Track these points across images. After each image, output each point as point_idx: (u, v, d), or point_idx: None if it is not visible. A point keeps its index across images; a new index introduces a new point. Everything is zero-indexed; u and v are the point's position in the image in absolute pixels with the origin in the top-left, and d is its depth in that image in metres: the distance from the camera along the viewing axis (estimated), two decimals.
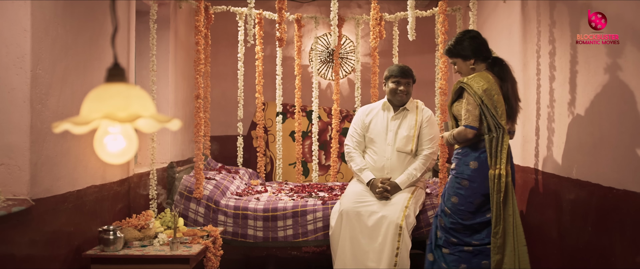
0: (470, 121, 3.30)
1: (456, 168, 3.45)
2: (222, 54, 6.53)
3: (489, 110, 3.26)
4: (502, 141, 3.24)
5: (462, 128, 3.35)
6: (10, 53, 2.73)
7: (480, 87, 3.27)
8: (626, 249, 2.60)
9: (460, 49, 3.45)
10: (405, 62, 4.78)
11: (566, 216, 3.24)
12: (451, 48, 3.50)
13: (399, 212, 3.79)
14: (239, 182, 4.93)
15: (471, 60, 3.44)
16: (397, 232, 3.73)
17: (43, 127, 2.86)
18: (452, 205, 3.43)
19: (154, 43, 4.22)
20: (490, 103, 3.26)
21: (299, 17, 5.41)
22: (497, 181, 3.24)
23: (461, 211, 3.40)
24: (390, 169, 4.06)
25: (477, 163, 3.36)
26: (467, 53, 3.44)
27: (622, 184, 2.62)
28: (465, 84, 3.33)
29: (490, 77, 3.34)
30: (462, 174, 3.40)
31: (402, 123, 4.11)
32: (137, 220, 3.60)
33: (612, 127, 2.71)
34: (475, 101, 3.28)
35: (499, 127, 3.25)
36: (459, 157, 3.46)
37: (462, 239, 3.41)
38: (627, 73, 2.59)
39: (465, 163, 3.39)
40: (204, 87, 5.04)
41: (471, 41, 3.45)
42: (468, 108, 3.31)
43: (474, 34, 3.52)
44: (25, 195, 2.76)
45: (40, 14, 2.83)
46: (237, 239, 4.22)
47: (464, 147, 3.42)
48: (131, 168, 4.18)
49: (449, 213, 3.43)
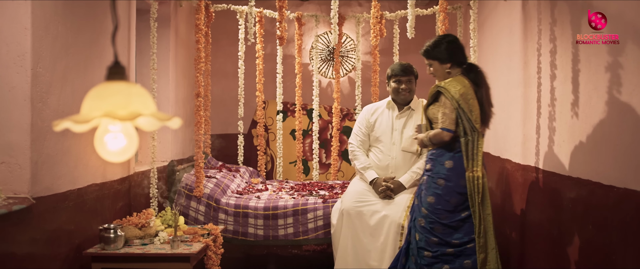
0: (447, 124, 3.38)
1: (431, 168, 3.49)
2: (222, 52, 6.53)
3: (465, 113, 3.34)
4: (478, 144, 3.35)
5: (438, 130, 3.42)
6: (10, 51, 2.73)
7: (457, 91, 3.36)
8: (627, 248, 2.60)
9: (437, 52, 3.52)
10: (406, 60, 4.77)
11: (567, 215, 3.24)
12: (429, 50, 3.56)
13: (401, 211, 3.78)
14: (239, 180, 4.93)
15: (448, 64, 3.50)
16: (399, 231, 3.73)
17: (43, 125, 2.87)
18: (429, 204, 3.45)
19: (155, 41, 4.22)
20: (467, 107, 3.35)
21: (300, 16, 5.41)
22: (476, 183, 3.34)
23: (438, 210, 3.42)
24: (394, 168, 4.05)
25: (452, 162, 3.42)
26: (444, 56, 3.50)
27: (622, 182, 2.62)
28: (443, 88, 3.40)
29: (466, 82, 3.42)
30: (439, 173, 3.44)
31: (407, 122, 4.09)
32: (137, 218, 3.60)
33: (612, 125, 2.71)
34: (452, 105, 3.36)
35: (474, 130, 3.35)
36: (433, 157, 3.50)
37: (443, 238, 3.41)
38: (628, 72, 2.59)
39: (441, 162, 3.44)
40: (205, 86, 5.04)
41: (449, 45, 3.51)
42: (445, 111, 3.39)
43: (452, 38, 3.57)
44: (26, 194, 2.76)
45: (41, 13, 2.83)
46: (238, 238, 4.22)
47: (439, 148, 3.48)
48: (132, 166, 4.18)
49: (427, 213, 3.45)
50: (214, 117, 5.79)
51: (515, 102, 4.17)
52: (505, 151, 4.46)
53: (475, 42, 4.07)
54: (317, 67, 5.62)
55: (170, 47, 5.15)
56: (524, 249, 3.99)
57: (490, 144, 4.86)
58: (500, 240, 4.55)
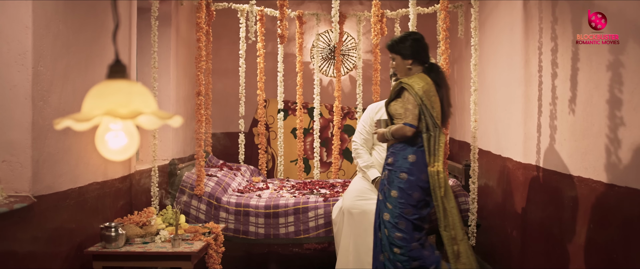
0: (410, 119, 3.44)
1: (394, 162, 3.52)
2: (223, 51, 6.53)
3: (428, 110, 3.42)
4: (439, 140, 3.44)
5: (401, 125, 3.46)
6: (11, 50, 2.73)
7: (421, 88, 3.43)
8: (628, 246, 2.60)
9: (402, 47, 3.58)
10: None
11: (567, 213, 3.24)
12: (394, 45, 3.62)
13: None
14: (240, 179, 4.93)
15: (409, 60, 3.56)
16: None
17: (44, 124, 2.87)
18: (393, 199, 3.47)
19: (156, 40, 4.22)
20: (429, 103, 3.44)
21: (301, 14, 5.41)
22: (437, 178, 3.41)
23: (402, 204, 3.44)
24: None
25: (415, 156, 3.47)
26: (407, 52, 3.56)
27: (623, 181, 2.62)
28: (407, 84, 3.47)
29: (428, 80, 3.50)
30: (401, 167, 3.47)
31: None
32: (138, 216, 3.60)
33: (613, 124, 2.71)
34: (415, 101, 3.43)
35: (436, 127, 3.44)
36: (396, 152, 3.53)
37: (409, 233, 3.44)
38: (629, 70, 2.59)
39: (404, 157, 3.48)
40: (206, 84, 5.04)
41: (413, 42, 3.57)
42: (408, 107, 3.45)
43: (418, 36, 3.63)
44: (27, 192, 2.77)
45: (42, 11, 2.83)
46: (239, 236, 4.22)
47: (401, 142, 3.52)
48: (133, 165, 4.18)
49: (391, 207, 3.47)
50: (215, 115, 5.79)
51: (516, 100, 4.17)
52: (506, 150, 4.46)
53: (476, 41, 4.07)
54: (318, 66, 5.61)
55: (171, 45, 5.15)
56: (525, 247, 3.99)
57: (491, 143, 4.86)
58: (501, 238, 4.55)
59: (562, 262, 3.29)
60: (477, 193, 4.03)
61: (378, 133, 3.65)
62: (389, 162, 3.55)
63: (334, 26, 4.88)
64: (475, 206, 3.99)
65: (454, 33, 5.07)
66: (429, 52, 3.64)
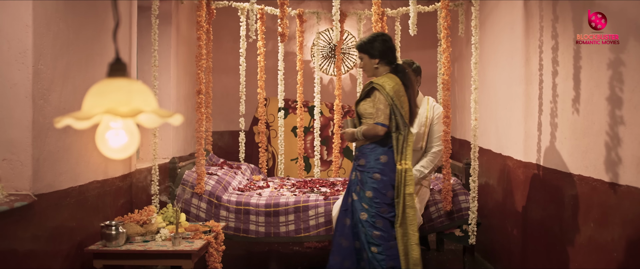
0: (382, 119, 3.50)
1: (366, 163, 3.56)
2: (223, 50, 6.53)
3: (398, 109, 3.51)
4: (408, 139, 3.53)
5: (373, 125, 3.52)
6: (12, 48, 2.73)
7: (392, 88, 3.51)
8: (629, 245, 2.60)
9: (370, 47, 3.63)
10: (408, 57, 4.76)
11: (568, 212, 3.24)
12: (363, 44, 3.66)
13: None
14: (240, 177, 4.93)
15: (376, 59, 3.62)
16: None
17: (45, 122, 2.87)
18: (368, 199, 3.52)
19: (156, 38, 4.22)
20: (399, 103, 3.52)
21: (301, 13, 5.41)
22: (404, 175, 3.49)
23: (378, 203, 3.51)
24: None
25: (386, 157, 3.54)
26: (374, 52, 3.62)
27: (624, 180, 2.62)
28: (379, 85, 3.53)
29: (397, 80, 3.58)
30: (374, 168, 3.53)
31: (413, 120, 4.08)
32: (139, 215, 3.60)
33: (614, 122, 2.71)
34: (387, 101, 3.50)
35: (405, 126, 3.53)
36: (367, 152, 3.57)
37: (387, 231, 3.50)
38: (630, 69, 2.58)
39: (376, 158, 3.54)
40: (206, 83, 5.04)
41: (382, 43, 3.64)
42: (379, 106, 3.51)
43: (387, 37, 3.69)
44: (27, 190, 2.77)
45: (42, 10, 2.83)
46: (239, 235, 4.22)
47: (372, 143, 3.57)
48: (133, 163, 4.18)
49: (368, 207, 3.52)
50: (215, 114, 5.78)
51: (516, 99, 4.17)
52: (506, 149, 4.46)
53: (476, 39, 4.06)
54: (318, 64, 5.61)
55: (171, 44, 5.14)
56: (526, 246, 3.99)
57: (491, 141, 4.86)
58: (501, 237, 4.56)
59: (563, 261, 3.29)
60: (477, 191, 4.03)
61: (346, 132, 3.70)
62: (360, 163, 3.60)
63: (335, 24, 4.88)
64: (475, 205, 3.99)
65: (455, 31, 5.06)
66: (395, 53, 3.73)
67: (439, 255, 5.23)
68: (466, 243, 4.09)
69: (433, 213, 4.14)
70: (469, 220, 4.03)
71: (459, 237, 4.15)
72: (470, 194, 4.03)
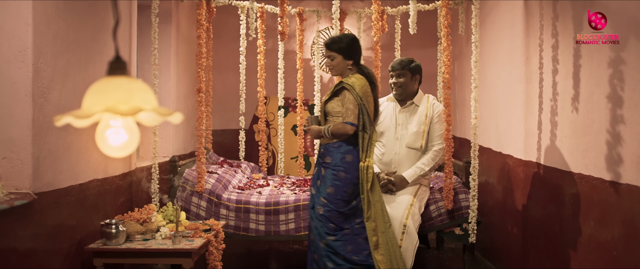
0: (351, 118, 3.61)
1: (332, 160, 3.66)
2: (223, 48, 6.52)
3: (366, 109, 3.62)
4: (372, 138, 3.66)
5: (342, 124, 3.62)
6: (11, 47, 2.73)
7: (361, 88, 3.61)
8: (629, 244, 2.60)
9: (346, 48, 3.69)
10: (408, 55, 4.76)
11: (568, 211, 3.24)
12: (339, 44, 3.69)
13: (403, 210, 3.77)
14: (240, 176, 4.93)
15: (350, 61, 3.71)
16: (401, 230, 3.72)
17: (45, 121, 2.87)
18: (328, 194, 3.64)
19: (156, 37, 4.21)
20: (367, 103, 3.63)
21: (301, 11, 5.40)
22: (366, 172, 3.63)
23: (337, 200, 3.63)
24: (397, 164, 4.04)
25: (352, 156, 3.66)
26: (348, 53, 3.70)
27: (624, 178, 2.62)
28: (349, 85, 3.62)
29: (365, 80, 3.68)
30: (339, 166, 3.64)
31: (411, 118, 4.08)
32: (139, 213, 3.60)
33: (614, 121, 2.71)
34: (356, 100, 3.61)
35: (371, 125, 3.65)
36: (332, 150, 3.68)
37: (339, 225, 3.64)
38: (631, 67, 2.58)
39: (342, 156, 3.65)
40: (206, 81, 5.03)
41: (354, 43, 3.72)
42: (349, 106, 3.61)
43: (355, 37, 3.77)
44: (27, 189, 2.77)
45: (42, 8, 2.83)
46: (239, 233, 4.22)
47: (339, 141, 3.67)
48: (133, 161, 4.18)
49: (326, 202, 3.64)
50: (215, 112, 5.78)
51: (517, 97, 4.17)
52: (506, 147, 4.46)
53: (477, 38, 4.06)
54: (318, 63, 5.61)
55: (171, 42, 5.14)
56: (526, 245, 3.99)
57: (491, 140, 4.86)
58: (501, 236, 4.56)
59: (563, 259, 3.29)
60: (477, 190, 4.03)
61: (312, 129, 3.77)
62: (326, 160, 3.69)
63: (335, 23, 4.88)
64: (475, 204, 3.99)
65: (455, 30, 5.06)
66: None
67: (439, 254, 5.23)
68: (466, 242, 4.09)
69: (433, 211, 4.13)
70: (469, 219, 4.03)
71: (459, 235, 4.15)
72: (471, 192, 4.03)
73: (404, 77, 4.07)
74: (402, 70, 4.06)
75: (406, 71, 4.07)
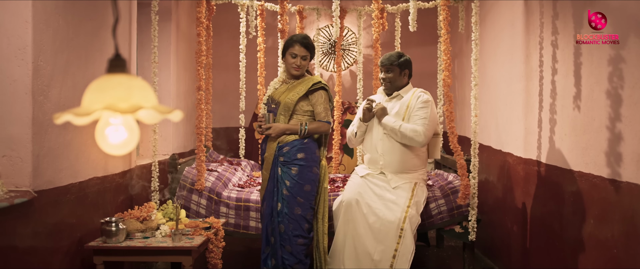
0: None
1: (305, 157, 3.75)
2: (223, 46, 6.52)
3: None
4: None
5: (323, 123, 3.79)
6: (11, 44, 2.73)
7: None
8: (629, 242, 2.60)
9: (313, 50, 3.88)
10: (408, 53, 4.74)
11: (568, 208, 3.24)
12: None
13: (400, 213, 3.75)
14: (240, 174, 4.93)
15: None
16: (398, 234, 3.71)
17: (45, 119, 2.86)
18: (305, 193, 3.72)
19: (156, 34, 4.21)
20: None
21: (301, 9, 5.40)
22: (324, 170, 3.85)
23: (313, 196, 3.77)
24: (382, 151, 3.96)
25: (319, 151, 3.86)
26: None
27: (624, 176, 2.62)
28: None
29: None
30: (314, 162, 3.77)
31: (394, 107, 4.04)
32: (139, 211, 3.61)
33: (614, 119, 2.71)
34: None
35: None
36: (304, 147, 3.75)
37: (312, 224, 3.78)
38: (631, 65, 2.58)
39: (313, 152, 3.78)
40: (206, 79, 5.03)
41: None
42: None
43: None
44: (27, 187, 2.77)
45: (42, 6, 2.83)
46: (239, 231, 4.22)
47: (310, 139, 3.79)
48: (133, 159, 4.18)
49: (303, 201, 3.72)
50: (215, 110, 5.78)
51: (517, 95, 4.17)
52: (506, 145, 4.46)
53: (476, 36, 4.06)
54: (318, 60, 5.61)
55: (171, 40, 5.14)
56: (526, 242, 4.00)
57: (491, 138, 4.86)
58: (501, 234, 4.56)
59: (563, 257, 3.30)
60: (477, 188, 4.03)
61: (276, 127, 3.76)
62: (299, 157, 3.74)
63: (335, 21, 4.87)
64: (475, 201, 3.99)
65: (455, 28, 5.05)
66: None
67: (439, 252, 5.23)
68: (466, 240, 4.09)
69: (433, 209, 4.13)
70: (469, 217, 4.03)
71: (459, 233, 4.15)
72: (471, 190, 4.02)
73: (393, 72, 4.02)
74: (390, 66, 4.02)
75: (395, 66, 4.01)
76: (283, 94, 3.82)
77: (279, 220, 3.72)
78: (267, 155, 3.82)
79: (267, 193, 3.79)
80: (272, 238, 3.76)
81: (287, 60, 3.85)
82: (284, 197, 3.72)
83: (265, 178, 3.82)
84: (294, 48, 3.80)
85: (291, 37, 3.86)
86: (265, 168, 3.82)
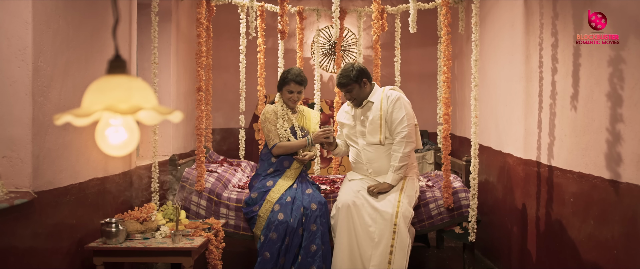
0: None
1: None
2: (223, 47, 6.52)
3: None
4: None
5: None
6: (11, 45, 2.73)
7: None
8: (629, 242, 2.60)
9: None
10: (408, 54, 4.76)
11: (568, 209, 3.24)
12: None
13: (391, 208, 3.75)
14: (240, 175, 4.93)
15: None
16: (392, 230, 3.71)
17: (45, 120, 2.86)
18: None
19: (156, 35, 4.21)
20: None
21: (301, 10, 5.40)
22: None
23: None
24: (367, 160, 3.98)
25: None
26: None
27: (624, 177, 2.62)
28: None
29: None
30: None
31: (367, 114, 4.01)
32: (139, 212, 3.61)
33: (614, 119, 2.71)
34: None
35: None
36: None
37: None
38: (631, 66, 2.58)
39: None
40: (206, 80, 5.03)
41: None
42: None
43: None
44: (27, 188, 2.77)
45: (42, 7, 2.83)
46: (239, 232, 4.22)
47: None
48: (133, 160, 4.18)
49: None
50: (215, 111, 5.78)
51: (516, 96, 4.17)
52: (506, 146, 4.46)
53: (477, 36, 4.06)
54: (318, 61, 5.60)
55: (171, 41, 5.14)
56: (525, 243, 3.99)
57: (491, 138, 4.86)
58: (501, 234, 4.56)
59: (563, 258, 3.30)
60: (477, 189, 4.03)
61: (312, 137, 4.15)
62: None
63: (335, 22, 4.87)
64: (475, 202, 3.99)
65: (455, 28, 5.05)
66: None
67: (439, 252, 5.23)
68: (466, 241, 4.09)
69: (433, 210, 4.13)
70: (469, 217, 4.03)
71: (459, 234, 4.15)
72: (470, 191, 4.03)
73: (353, 89, 3.95)
74: (348, 85, 3.95)
75: (352, 84, 3.95)
76: (299, 120, 4.27)
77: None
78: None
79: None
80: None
81: (284, 95, 4.17)
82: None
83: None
84: (289, 85, 4.12)
85: (286, 75, 4.14)
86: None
